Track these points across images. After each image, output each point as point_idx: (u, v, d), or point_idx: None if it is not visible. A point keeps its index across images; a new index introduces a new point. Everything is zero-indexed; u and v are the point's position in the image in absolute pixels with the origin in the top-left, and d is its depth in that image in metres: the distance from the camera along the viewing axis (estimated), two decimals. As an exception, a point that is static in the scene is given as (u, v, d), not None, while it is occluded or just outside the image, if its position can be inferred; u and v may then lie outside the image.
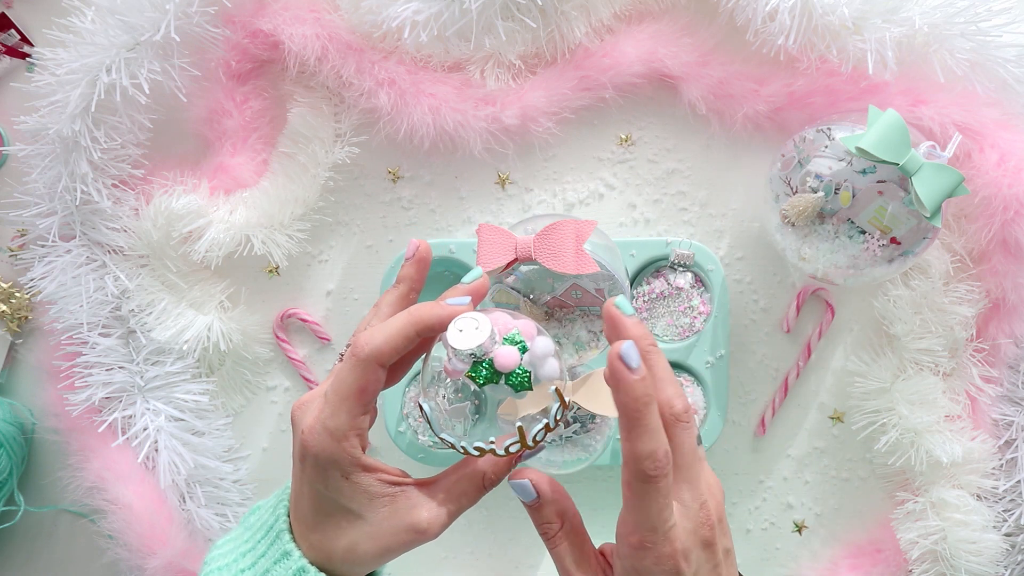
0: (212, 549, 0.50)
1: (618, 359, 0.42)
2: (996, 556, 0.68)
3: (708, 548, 0.45)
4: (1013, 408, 0.70)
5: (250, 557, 0.48)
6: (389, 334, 0.45)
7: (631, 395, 0.42)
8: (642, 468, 0.42)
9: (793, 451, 0.74)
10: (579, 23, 0.69)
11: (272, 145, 0.73)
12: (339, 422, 0.45)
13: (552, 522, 0.47)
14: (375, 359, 0.45)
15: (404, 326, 0.45)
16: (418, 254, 0.52)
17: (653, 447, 0.42)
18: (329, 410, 0.46)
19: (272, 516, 0.50)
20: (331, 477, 0.46)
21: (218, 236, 0.70)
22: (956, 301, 0.68)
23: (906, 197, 0.61)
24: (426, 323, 0.46)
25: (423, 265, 0.52)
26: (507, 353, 0.44)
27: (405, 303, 0.51)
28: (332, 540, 0.47)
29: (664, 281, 0.70)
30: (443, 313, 0.46)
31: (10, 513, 0.74)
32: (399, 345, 0.45)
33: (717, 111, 0.70)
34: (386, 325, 0.46)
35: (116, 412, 0.72)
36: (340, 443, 0.46)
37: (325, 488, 0.47)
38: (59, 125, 0.66)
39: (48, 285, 0.71)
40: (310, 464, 0.46)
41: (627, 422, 0.43)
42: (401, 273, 0.52)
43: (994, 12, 0.63)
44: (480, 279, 0.50)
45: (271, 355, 0.76)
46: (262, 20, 0.69)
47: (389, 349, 0.45)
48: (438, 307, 0.46)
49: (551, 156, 0.74)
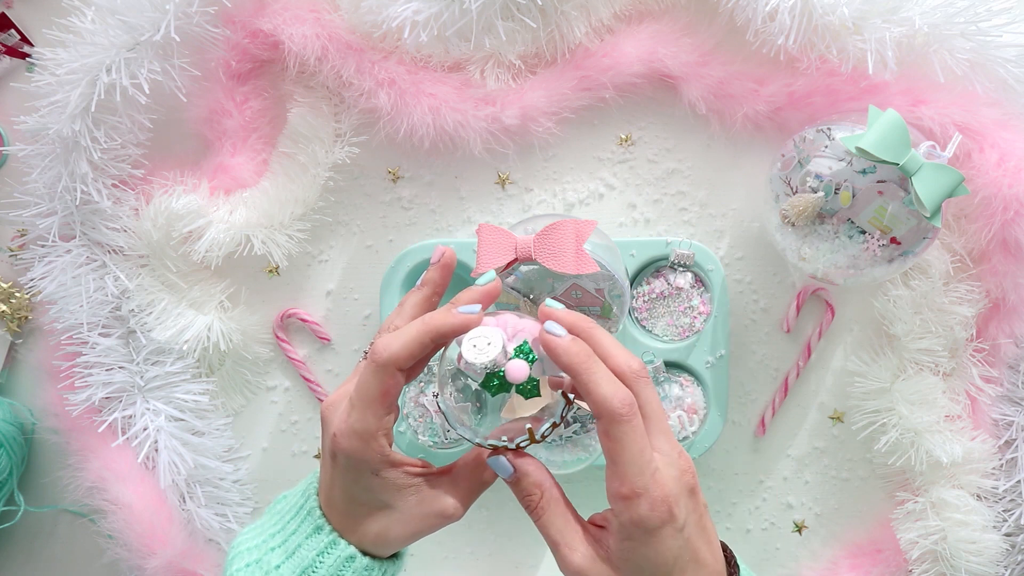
0: (238, 536, 0.53)
1: (546, 333, 0.47)
2: (996, 556, 0.68)
3: (693, 496, 0.48)
4: (1013, 408, 0.70)
5: (279, 537, 0.51)
6: (405, 341, 0.48)
7: (570, 353, 0.47)
8: (611, 407, 0.45)
9: (793, 451, 0.74)
10: (579, 23, 0.69)
11: (272, 145, 0.73)
12: (367, 425, 0.49)
13: (532, 493, 0.49)
14: (393, 364, 0.48)
15: (420, 334, 0.48)
16: (443, 260, 0.55)
17: (612, 388, 0.46)
18: (356, 414, 0.49)
19: (302, 498, 0.53)
20: (362, 474, 0.50)
21: (218, 236, 0.70)
22: (956, 301, 0.68)
23: (906, 197, 0.61)
24: (440, 331, 0.49)
25: (447, 271, 0.55)
26: (517, 367, 0.47)
27: (428, 305, 0.55)
28: (364, 526, 0.51)
29: (664, 281, 0.70)
30: (456, 322, 0.49)
31: (10, 513, 0.74)
32: (415, 351, 0.48)
33: (717, 111, 0.70)
34: (403, 332, 0.49)
35: (116, 412, 0.72)
36: (369, 443, 0.49)
37: (356, 483, 0.50)
38: (59, 125, 0.66)
39: (48, 285, 0.71)
40: (342, 462, 0.50)
41: (579, 376, 0.46)
42: (426, 276, 0.55)
43: (994, 12, 0.63)
44: (492, 282, 0.53)
45: (271, 355, 0.76)
46: (262, 20, 0.69)
47: (406, 355, 0.48)
48: (451, 316, 0.49)
49: (551, 156, 0.74)
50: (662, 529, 0.46)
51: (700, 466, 0.74)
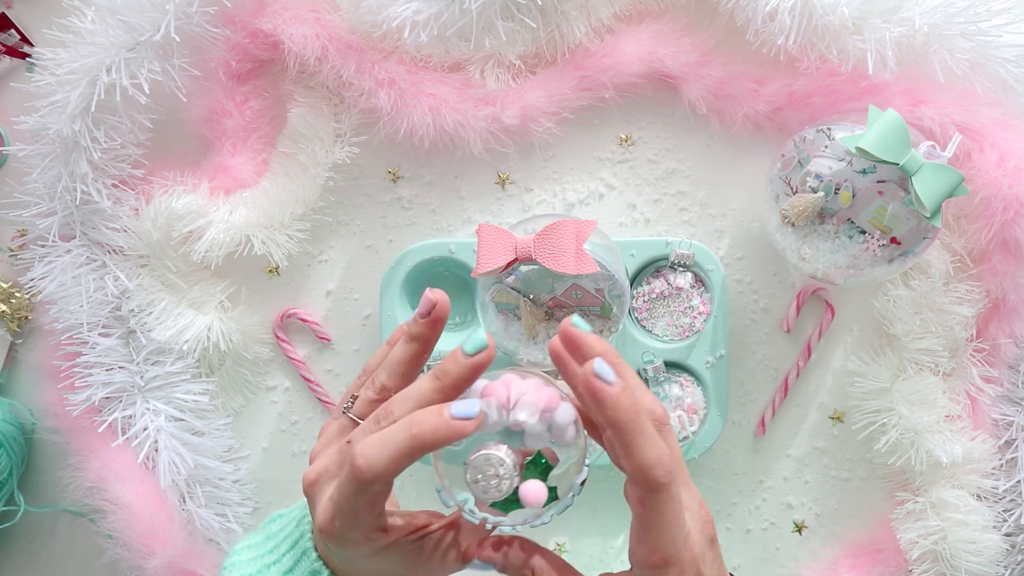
0: (231, 554, 0.50)
1: (595, 377, 0.40)
2: (996, 556, 0.68)
3: (713, 545, 0.45)
4: (1013, 408, 0.70)
5: (276, 569, 0.48)
6: (391, 456, 0.42)
7: (621, 408, 0.40)
8: (653, 478, 0.41)
9: (793, 451, 0.74)
10: (579, 23, 0.69)
11: (272, 145, 0.73)
12: (355, 533, 0.45)
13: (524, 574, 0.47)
14: (380, 481, 0.42)
15: (409, 448, 0.42)
16: (435, 313, 0.47)
17: (659, 453, 0.41)
18: (341, 522, 0.44)
19: (297, 531, 0.49)
20: (358, 559, 0.46)
21: (218, 236, 0.70)
22: (956, 301, 0.68)
23: (906, 197, 0.61)
24: (430, 445, 0.42)
25: (439, 325, 0.47)
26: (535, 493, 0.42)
27: (418, 363, 0.48)
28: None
29: (664, 281, 0.70)
30: (449, 434, 0.42)
31: (10, 513, 0.74)
32: (402, 466, 0.42)
33: (717, 111, 0.70)
34: (385, 444, 0.42)
35: (116, 412, 0.72)
36: (359, 543, 0.45)
37: (352, 562, 0.47)
38: (59, 125, 0.66)
39: (48, 285, 0.71)
40: (334, 549, 0.46)
41: (625, 436, 0.41)
42: (414, 331, 0.47)
43: (994, 12, 0.63)
44: (484, 351, 0.44)
45: (271, 355, 0.76)
46: (262, 20, 0.69)
47: (392, 471, 0.42)
48: (444, 426, 0.42)
49: (551, 156, 0.74)
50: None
51: (700, 466, 0.74)
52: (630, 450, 0.41)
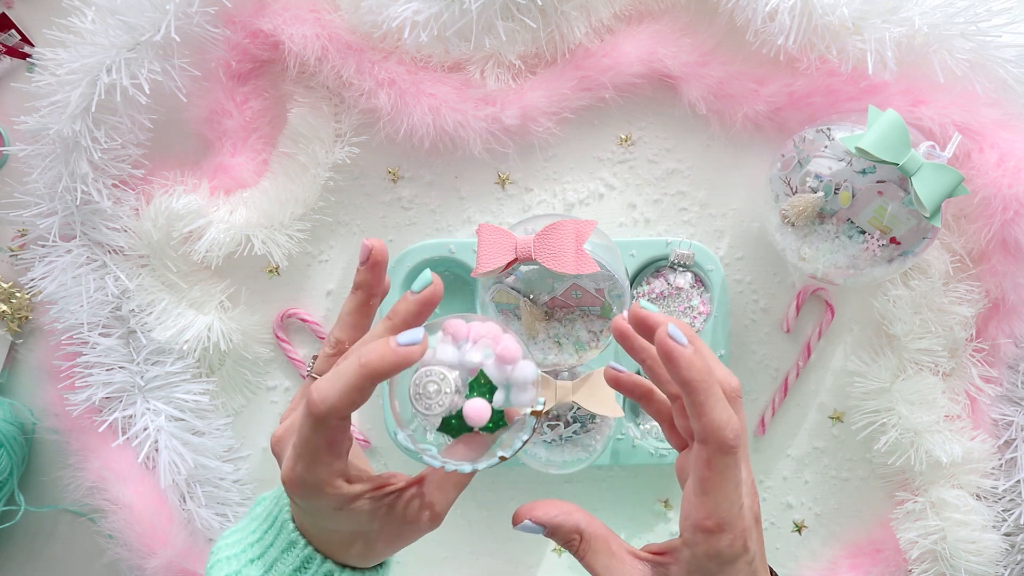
0: (220, 539, 0.51)
1: (668, 338, 0.42)
2: (996, 556, 0.68)
3: (758, 523, 0.46)
4: (1013, 408, 0.70)
5: (259, 547, 0.49)
6: (343, 389, 0.42)
7: (695, 368, 0.42)
8: (723, 438, 0.42)
9: (793, 451, 0.74)
10: (579, 23, 0.69)
11: (272, 145, 0.73)
12: (317, 477, 0.45)
13: (572, 539, 0.47)
14: (334, 416, 0.43)
15: (359, 379, 0.42)
16: (372, 258, 0.48)
17: (728, 415, 0.42)
18: (302, 466, 0.44)
19: (276, 507, 0.50)
20: (324, 512, 0.46)
21: (218, 236, 0.70)
22: (956, 301, 0.68)
23: (906, 197, 0.61)
24: (380, 373, 0.42)
25: (379, 269, 0.49)
26: (477, 410, 0.43)
27: (366, 310, 0.50)
28: (345, 548, 0.48)
29: (664, 281, 0.70)
30: (396, 360, 0.42)
31: (10, 513, 0.74)
32: (355, 398, 0.42)
33: (717, 111, 0.71)
34: (338, 378, 0.42)
35: (116, 412, 0.72)
36: (324, 491, 0.45)
37: (322, 518, 0.47)
38: (59, 125, 0.66)
39: (48, 285, 0.71)
40: (300, 504, 0.47)
41: (696, 395, 0.42)
42: (357, 279, 0.49)
43: (994, 12, 0.63)
44: (430, 287, 0.45)
45: (271, 355, 0.76)
46: (262, 20, 0.69)
47: (346, 404, 0.42)
48: (390, 353, 0.42)
49: (551, 156, 0.74)
50: (737, 562, 0.44)
51: (700, 466, 0.74)
52: (702, 409, 0.42)
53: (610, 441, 0.70)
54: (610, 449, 0.70)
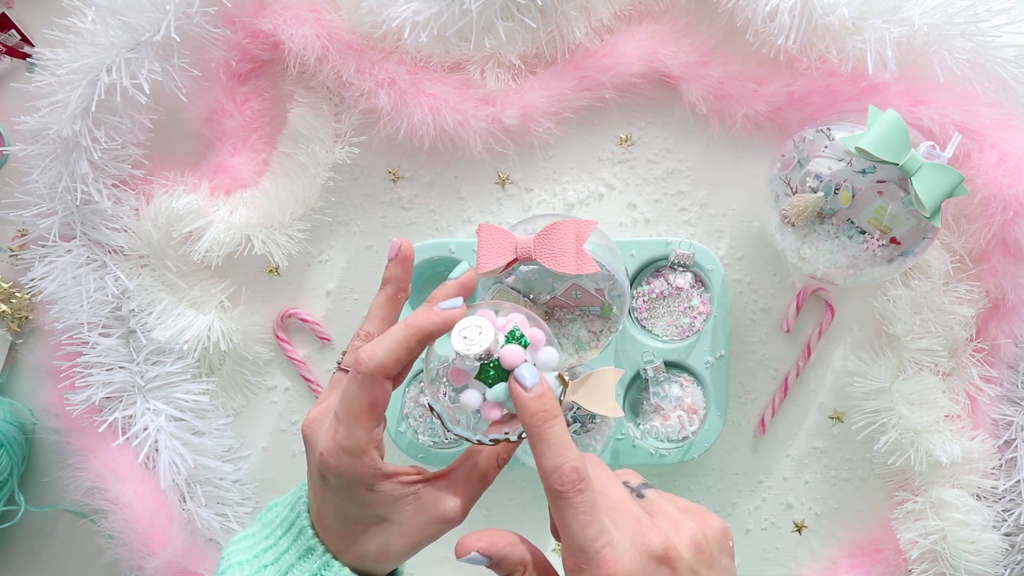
0: (228, 544, 0.51)
1: (513, 380, 0.44)
2: (996, 556, 0.68)
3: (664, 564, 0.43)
4: (1013, 408, 0.70)
5: (272, 553, 0.49)
6: (391, 346, 0.45)
7: (528, 411, 0.43)
8: (550, 484, 0.43)
9: (793, 451, 0.74)
10: (579, 23, 0.69)
11: (272, 145, 0.73)
12: (356, 440, 0.46)
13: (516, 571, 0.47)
14: (380, 373, 0.45)
15: (405, 337, 0.46)
16: (401, 254, 0.51)
17: (557, 462, 0.43)
18: (344, 430, 0.46)
19: (292, 513, 0.50)
20: (356, 491, 0.47)
21: (218, 236, 0.70)
22: (956, 301, 0.68)
23: (906, 197, 0.61)
24: (425, 332, 0.46)
25: (407, 264, 0.52)
26: (512, 352, 0.45)
27: (395, 304, 0.52)
28: (364, 544, 0.48)
29: (664, 281, 0.70)
30: (440, 320, 0.46)
31: (10, 513, 0.74)
32: (402, 356, 0.46)
33: (717, 111, 0.71)
34: (386, 337, 0.46)
35: (116, 412, 0.72)
36: (360, 459, 0.46)
37: (350, 501, 0.48)
38: (59, 125, 0.66)
39: (48, 285, 0.71)
40: (332, 481, 0.47)
41: (531, 439, 0.44)
42: (386, 275, 0.52)
43: (994, 12, 0.63)
44: (467, 273, 0.49)
45: (271, 355, 0.76)
46: (262, 20, 0.69)
47: (393, 361, 0.45)
48: (434, 314, 0.46)
49: (551, 156, 0.74)
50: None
51: (700, 466, 0.74)
52: (536, 454, 0.44)
53: (610, 441, 0.70)
54: (610, 449, 0.70)
